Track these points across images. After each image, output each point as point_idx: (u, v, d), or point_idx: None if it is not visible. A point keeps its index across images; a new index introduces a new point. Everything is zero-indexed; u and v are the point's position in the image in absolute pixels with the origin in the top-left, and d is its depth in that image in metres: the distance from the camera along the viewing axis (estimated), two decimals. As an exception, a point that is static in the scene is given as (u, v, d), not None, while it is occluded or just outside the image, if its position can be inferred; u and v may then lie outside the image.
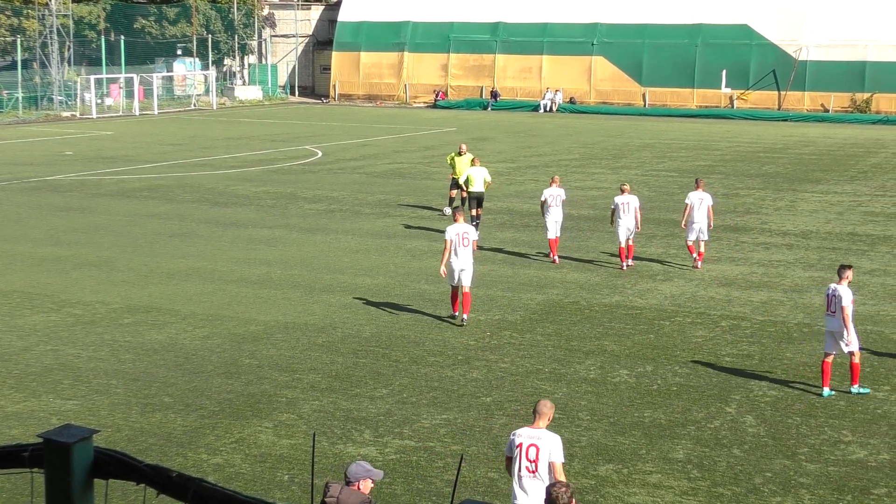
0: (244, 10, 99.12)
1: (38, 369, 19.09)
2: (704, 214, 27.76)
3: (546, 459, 11.20)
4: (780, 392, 18.05)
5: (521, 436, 11.39)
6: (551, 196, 29.11)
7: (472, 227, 23.98)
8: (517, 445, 11.30)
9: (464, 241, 22.53)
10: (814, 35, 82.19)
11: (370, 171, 47.80)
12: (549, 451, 11.24)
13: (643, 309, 23.68)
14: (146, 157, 52.20)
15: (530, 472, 11.21)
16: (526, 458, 11.22)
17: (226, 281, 26.09)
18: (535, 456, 11.20)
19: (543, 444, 11.26)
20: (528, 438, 11.32)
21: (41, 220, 34.61)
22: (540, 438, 11.32)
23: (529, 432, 11.42)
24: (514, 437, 11.45)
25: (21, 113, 76.19)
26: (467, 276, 22.52)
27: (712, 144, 60.82)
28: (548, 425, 11.64)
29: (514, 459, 11.33)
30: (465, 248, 22.50)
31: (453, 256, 22.46)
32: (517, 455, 11.28)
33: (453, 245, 22.42)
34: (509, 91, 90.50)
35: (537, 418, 11.55)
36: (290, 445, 15.49)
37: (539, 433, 11.40)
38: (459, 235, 22.53)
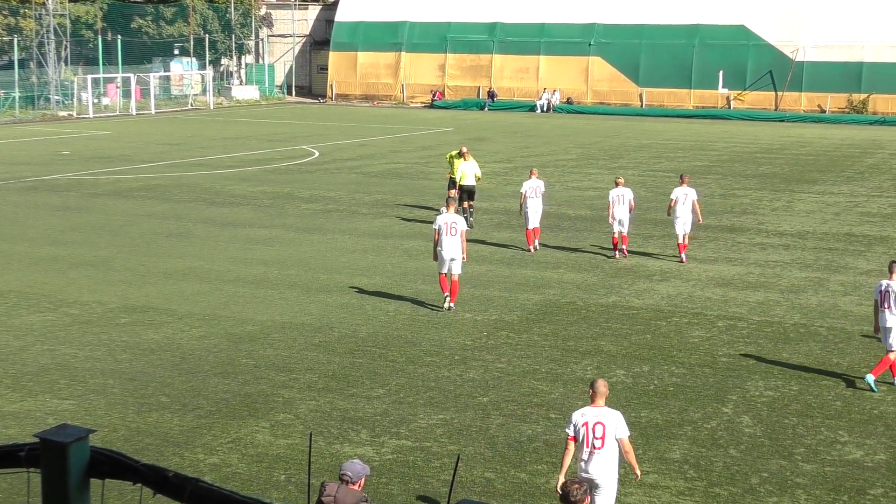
0: (241, 10, 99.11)
1: (35, 369, 19.09)
2: (689, 209, 28.63)
3: (613, 435, 12.08)
4: (776, 392, 18.07)
5: (586, 415, 12.20)
6: (530, 188, 30.05)
7: (460, 217, 24.51)
8: (583, 424, 12.11)
9: (452, 231, 23.29)
10: (811, 36, 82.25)
11: (367, 171, 47.80)
12: (616, 426, 12.13)
13: (640, 309, 23.69)
14: (143, 157, 52.19)
15: (597, 448, 12.06)
16: (593, 436, 12.05)
17: (223, 281, 26.08)
18: (601, 433, 12.05)
19: (609, 421, 12.12)
20: (592, 417, 12.15)
21: (38, 219, 34.60)
22: (605, 416, 12.17)
23: (593, 411, 12.23)
24: (577, 417, 12.23)
25: (18, 112, 76.14)
26: (457, 265, 23.34)
27: (709, 145, 60.86)
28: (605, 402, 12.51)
29: (579, 437, 12.12)
30: (453, 237, 23.26)
31: (443, 245, 23.21)
32: (583, 433, 12.08)
33: (441, 234, 23.23)
34: (506, 91, 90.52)
35: (597, 397, 12.35)
36: (286, 445, 15.49)
37: (602, 411, 12.23)
38: (448, 224, 23.33)
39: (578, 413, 12.34)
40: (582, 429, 12.11)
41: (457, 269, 23.38)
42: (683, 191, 28.80)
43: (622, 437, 12.15)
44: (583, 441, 12.12)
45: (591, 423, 12.11)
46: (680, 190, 28.88)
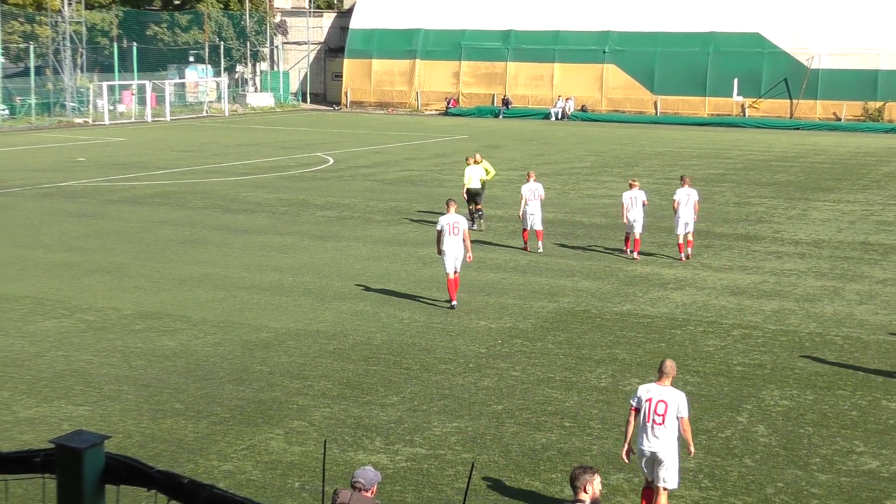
0: (256, 18, 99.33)
1: (50, 375, 19.12)
2: (691, 210, 29.54)
3: (674, 414, 12.80)
4: (792, 402, 18.00)
5: (651, 391, 12.94)
6: (529, 191, 30.91)
7: (462, 217, 25.05)
8: (647, 399, 12.85)
9: (454, 231, 24.08)
10: (826, 43, 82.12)
11: (382, 178, 47.83)
12: (678, 406, 12.84)
13: (654, 317, 23.64)
14: (158, 164, 52.30)
15: (658, 424, 12.77)
16: (654, 413, 12.77)
17: (237, 287, 26.11)
18: (663, 410, 12.76)
19: (671, 401, 12.83)
20: (657, 394, 12.88)
21: (53, 226, 34.69)
22: (668, 395, 12.88)
23: (658, 388, 12.95)
24: (641, 392, 12.99)
25: (34, 119, 76.42)
26: (459, 263, 24.22)
27: (724, 153, 60.76)
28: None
29: (641, 411, 12.86)
30: (455, 237, 24.05)
31: (446, 245, 24.00)
32: (646, 408, 12.81)
33: (444, 234, 24.03)
34: (521, 99, 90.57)
35: (663, 377, 13.05)
36: (300, 452, 15.48)
37: (666, 390, 12.95)
38: (450, 225, 24.12)
39: (644, 388, 13.08)
40: (645, 404, 12.85)
41: (459, 266, 24.24)
42: (686, 192, 29.61)
43: (683, 417, 12.85)
44: (644, 416, 12.86)
45: (654, 400, 12.82)
46: (682, 191, 29.65)
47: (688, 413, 13.01)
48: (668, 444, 12.84)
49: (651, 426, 12.82)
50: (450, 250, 24.01)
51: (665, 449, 12.83)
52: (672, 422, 12.83)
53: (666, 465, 12.88)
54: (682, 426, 12.92)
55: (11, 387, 18.45)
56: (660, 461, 12.86)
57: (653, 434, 12.83)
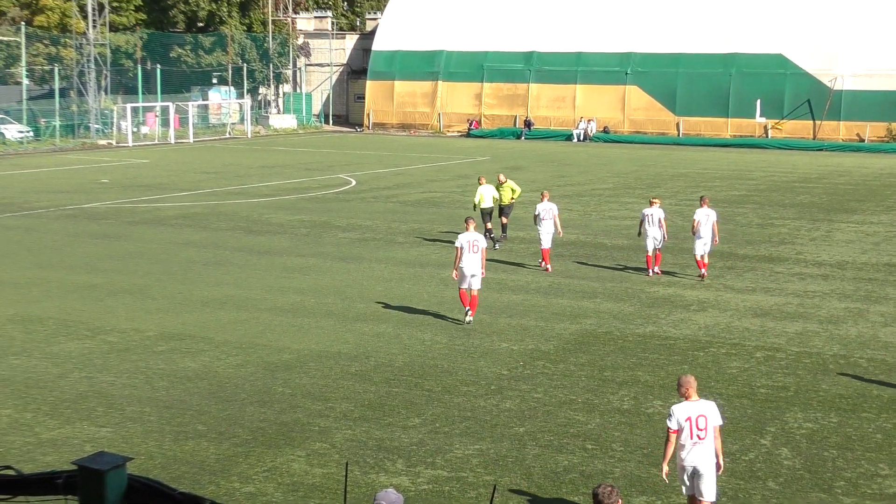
0: (279, 40, 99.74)
1: (73, 396, 19.17)
2: (710, 229, 30.11)
3: (712, 425, 13.23)
4: (815, 424, 17.90)
5: (688, 409, 13.22)
6: (544, 210, 31.83)
7: (481, 235, 25.61)
8: (686, 419, 13.11)
9: (473, 248, 24.67)
10: (849, 64, 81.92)
11: (404, 199, 47.88)
12: (714, 417, 13.29)
13: (677, 339, 23.56)
14: (181, 185, 52.49)
15: (701, 440, 13.12)
16: (696, 428, 13.10)
17: (259, 309, 26.14)
18: (704, 425, 13.13)
19: (710, 413, 13.24)
20: (695, 411, 13.21)
21: (77, 247, 34.83)
22: (706, 409, 13.29)
23: (693, 406, 13.26)
24: (678, 413, 13.18)
25: (58, 141, 76.83)
26: (477, 280, 24.69)
27: (747, 174, 60.63)
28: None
29: (682, 430, 13.11)
30: (474, 255, 24.62)
31: (464, 262, 24.54)
32: (688, 427, 13.10)
33: (463, 251, 24.58)
34: (543, 120, 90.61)
35: (692, 392, 13.38)
36: (322, 474, 15.46)
37: (701, 404, 13.35)
38: (469, 243, 24.70)
39: (679, 408, 13.24)
40: (686, 423, 13.12)
41: (476, 284, 24.70)
42: (705, 212, 30.14)
43: (718, 425, 13.34)
44: (687, 433, 13.15)
45: (694, 417, 13.14)
46: (702, 211, 30.17)
47: (721, 422, 13.47)
48: (709, 457, 13.22)
49: (695, 442, 13.18)
50: (467, 267, 24.58)
51: (707, 462, 13.22)
52: (711, 434, 13.23)
53: (707, 477, 13.23)
54: (716, 433, 13.31)
55: (34, 408, 18.50)
56: (701, 474, 13.22)
57: (696, 449, 13.19)
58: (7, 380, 20.17)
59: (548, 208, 31.82)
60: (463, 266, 24.59)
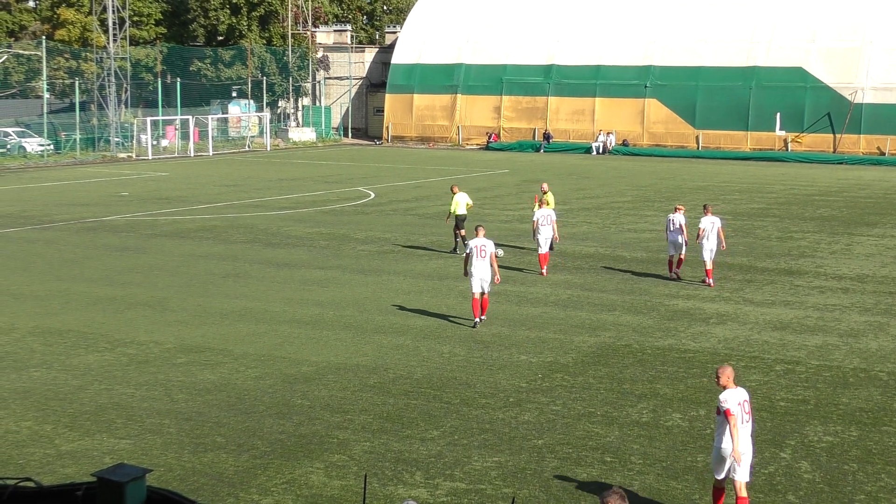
0: (298, 53, 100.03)
1: (93, 408, 19.22)
2: (715, 236, 31.14)
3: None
4: (835, 438, 17.83)
5: (736, 396, 14.11)
6: (542, 216, 33.10)
7: (489, 241, 26.09)
8: (738, 404, 14.05)
9: (481, 253, 25.58)
10: (869, 78, 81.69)
11: (423, 212, 47.91)
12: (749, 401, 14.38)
13: (696, 352, 23.51)
14: (200, 198, 52.64)
15: (746, 423, 14.12)
16: (745, 413, 14.11)
17: (278, 321, 26.18)
18: (749, 409, 14.25)
19: (749, 398, 14.40)
20: (742, 396, 14.17)
21: (97, 260, 34.95)
22: (747, 395, 14.35)
23: (736, 392, 14.17)
24: (730, 400, 14.02)
25: (79, 154, 77.18)
26: (487, 284, 25.73)
27: (766, 187, 60.49)
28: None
29: (738, 414, 13.99)
30: (482, 260, 25.54)
31: (474, 266, 25.49)
32: (738, 411, 14.01)
33: (472, 256, 25.56)
34: (562, 133, 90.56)
35: (731, 380, 14.20)
36: (341, 486, 15.47)
37: (742, 391, 14.31)
38: (478, 248, 25.63)
39: (727, 396, 14.07)
40: (737, 407, 14.04)
41: (487, 287, 25.81)
42: (710, 220, 31.14)
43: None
44: (738, 419, 14.01)
45: (741, 401, 14.13)
46: (707, 219, 31.12)
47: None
48: (749, 439, 14.26)
49: (743, 426, 14.10)
50: (477, 272, 25.51)
51: (748, 445, 14.21)
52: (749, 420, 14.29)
53: (746, 459, 14.13)
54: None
55: (54, 420, 18.57)
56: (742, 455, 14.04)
57: (742, 433, 14.08)
58: (27, 392, 20.24)
59: (546, 215, 33.10)
60: (472, 270, 25.57)
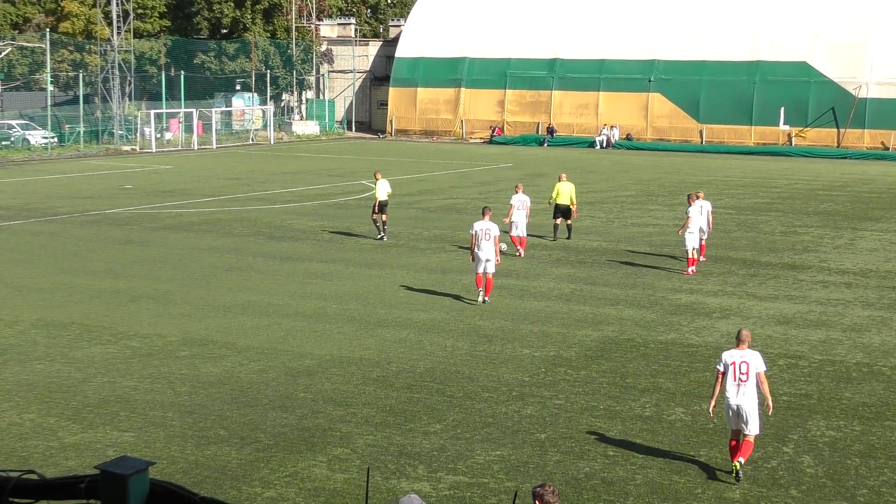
0: (302, 46, 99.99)
1: (96, 401, 19.24)
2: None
3: (754, 371, 15.52)
4: (838, 433, 17.83)
5: (734, 355, 15.67)
6: (519, 201, 34.80)
7: (494, 224, 27.67)
8: (731, 363, 15.53)
9: (486, 236, 27.07)
10: (874, 73, 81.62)
11: (426, 206, 47.91)
12: (756, 364, 15.61)
13: (699, 347, 23.51)
14: (204, 191, 52.66)
15: (743, 382, 15.43)
16: (740, 372, 15.44)
17: (281, 315, 26.20)
18: (746, 369, 15.45)
19: (751, 360, 15.59)
20: (739, 357, 15.61)
21: (100, 252, 34.97)
22: (749, 356, 15.66)
23: (738, 353, 15.67)
24: (726, 357, 15.70)
25: (82, 147, 77.19)
26: (491, 265, 27.21)
27: (770, 182, 60.46)
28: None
29: (727, 373, 15.50)
30: (487, 242, 27.03)
31: (478, 248, 27.00)
32: (731, 369, 15.47)
33: (478, 238, 27.03)
34: (566, 127, 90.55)
35: (741, 343, 15.77)
36: (343, 480, 15.48)
37: (746, 352, 15.71)
38: (483, 230, 27.15)
39: (727, 354, 15.77)
40: (730, 366, 15.48)
41: (491, 268, 27.24)
42: (697, 208, 31.94)
43: (760, 371, 15.59)
44: (730, 375, 15.47)
45: (738, 362, 15.51)
46: (694, 208, 31.85)
47: (765, 368, 15.80)
48: (751, 397, 15.45)
49: (738, 384, 15.43)
50: (482, 252, 27.03)
51: (749, 402, 15.43)
52: (753, 378, 15.45)
53: (750, 415, 15.41)
54: (760, 380, 15.56)
55: (57, 412, 18.59)
56: (745, 412, 15.40)
57: (739, 390, 15.42)
58: (30, 384, 20.27)
59: (522, 199, 34.74)
60: (478, 251, 27.01)
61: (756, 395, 15.52)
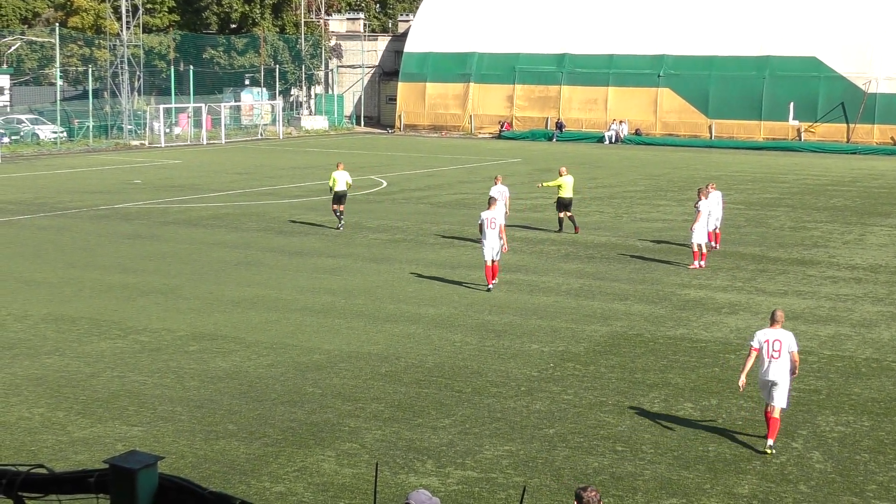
0: (311, 41, 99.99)
1: (105, 395, 19.28)
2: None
3: (787, 349, 16.65)
4: (847, 428, 17.81)
5: (767, 334, 16.82)
6: (498, 192, 35.20)
7: (500, 214, 29.40)
8: (765, 341, 16.69)
9: (491, 225, 28.41)
10: (884, 67, 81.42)
11: (435, 201, 47.91)
12: (789, 343, 16.72)
13: (708, 342, 23.49)
14: (213, 186, 52.70)
15: (775, 358, 16.59)
16: (772, 349, 16.60)
17: (290, 310, 26.22)
18: (779, 347, 16.62)
19: (785, 339, 16.73)
20: (773, 335, 16.77)
21: (109, 247, 35.02)
22: (782, 335, 16.79)
23: (771, 332, 16.82)
24: (760, 335, 16.86)
25: (91, 141, 77.26)
26: (496, 253, 28.55)
27: (779, 177, 60.36)
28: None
29: (762, 350, 16.64)
30: (492, 231, 28.37)
31: (485, 236, 28.34)
32: (765, 347, 16.63)
33: (484, 227, 28.35)
34: (574, 122, 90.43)
35: (776, 322, 16.91)
36: (352, 475, 15.49)
37: (779, 332, 16.82)
38: (488, 219, 28.50)
39: (761, 332, 16.93)
40: (764, 344, 16.62)
41: (497, 256, 28.64)
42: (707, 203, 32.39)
43: (793, 351, 16.72)
44: (764, 352, 16.61)
45: (771, 340, 16.65)
46: (704, 203, 32.24)
47: (797, 348, 16.94)
48: (783, 373, 16.60)
49: (770, 361, 16.56)
50: (487, 241, 28.31)
51: (781, 378, 16.59)
52: (786, 356, 16.60)
53: (781, 389, 16.60)
54: (793, 358, 16.74)
55: (66, 407, 18.63)
56: (777, 386, 16.57)
57: (772, 366, 16.56)
58: (40, 379, 20.31)
59: (501, 190, 35.79)
60: (484, 239, 28.44)
61: (787, 372, 16.64)
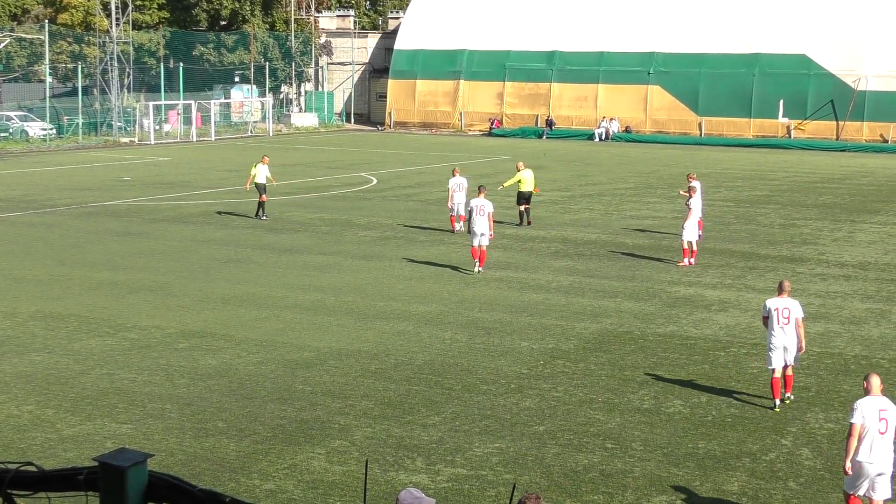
0: (301, 38, 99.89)
1: (94, 393, 19.25)
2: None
3: (794, 317, 18.36)
4: (836, 425, 17.84)
5: (777, 302, 18.53)
6: (456, 184, 37.79)
7: (489, 202, 30.70)
8: (774, 309, 18.40)
9: (480, 212, 30.12)
10: (873, 65, 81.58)
11: (425, 198, 47.91)
12: (796, 311, 18.47)
13: (698, 339, 23.53)
14: (203, 183, 52.64)
15: (785, 325, 18.30)
16: (781, 316, 18.35)
17: (280, 307, 26.20)
18: (787, 315, 18.34)
19: (793, 307, 18.47)
20: (781, 304, 18.47)
21: (99, 244, 34.96)
22: (790, 303, 18.52)
23: (780, 300, 18.55)
24: (770, 304, 18.59)
25: (81, 138, 77.10)
26: (485, 238, 30.19)
27: (769, 174, 60.46)
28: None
29: (770, 317, 18.42)
30: (481, 217, 30.03)
31: (474, 223, 30.04)
32: (774, 314, 18.34)
33: (473, 214, 30.16)
34: (565, 120, 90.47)
35: (783, 292, 18.63)
36: (342, 472, 15.49)
37: (787, 300, 18.53)
38: (477, 207, 30.30)
39: (771, 301, 18.70)
40: (774, 311, 18.34)
41: (485, 241, 30.22)
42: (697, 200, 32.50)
43: (799, 318, 18.42)
44: (774, 319, 18.35)
45: (780, 308, 18.38)
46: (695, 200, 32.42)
47: (803, 315, 18.59)
48: (792, 339, 18.32)
49: (781, 326, 18.22)
50: (476, 227, 29.98)
51: (791, 341, 18.31)
52: (793, 322, 18.28)
53: (791, 352, 18.32)
54: (798, 324, 18.31)
55: (56, 404, 18.59)
56: (788, 349, 18.29)
57: (782, 332, 18.24)
58: (29, 376, 20.27)
59: (458, 182, 37.62)
60: (473, 227, 30.06)
61: (795, 336, 18.27)
